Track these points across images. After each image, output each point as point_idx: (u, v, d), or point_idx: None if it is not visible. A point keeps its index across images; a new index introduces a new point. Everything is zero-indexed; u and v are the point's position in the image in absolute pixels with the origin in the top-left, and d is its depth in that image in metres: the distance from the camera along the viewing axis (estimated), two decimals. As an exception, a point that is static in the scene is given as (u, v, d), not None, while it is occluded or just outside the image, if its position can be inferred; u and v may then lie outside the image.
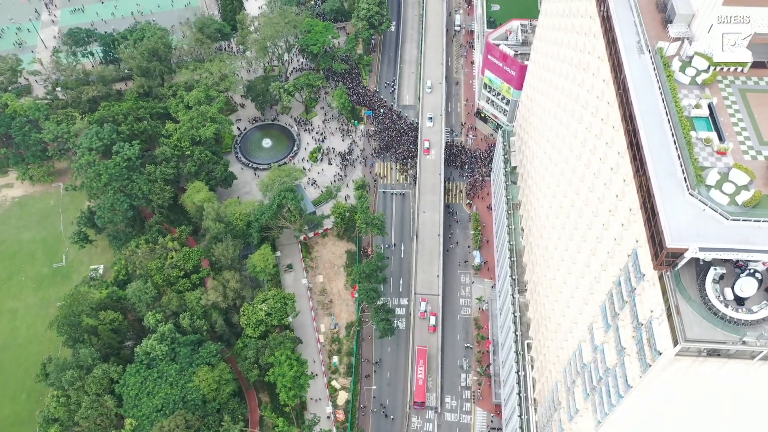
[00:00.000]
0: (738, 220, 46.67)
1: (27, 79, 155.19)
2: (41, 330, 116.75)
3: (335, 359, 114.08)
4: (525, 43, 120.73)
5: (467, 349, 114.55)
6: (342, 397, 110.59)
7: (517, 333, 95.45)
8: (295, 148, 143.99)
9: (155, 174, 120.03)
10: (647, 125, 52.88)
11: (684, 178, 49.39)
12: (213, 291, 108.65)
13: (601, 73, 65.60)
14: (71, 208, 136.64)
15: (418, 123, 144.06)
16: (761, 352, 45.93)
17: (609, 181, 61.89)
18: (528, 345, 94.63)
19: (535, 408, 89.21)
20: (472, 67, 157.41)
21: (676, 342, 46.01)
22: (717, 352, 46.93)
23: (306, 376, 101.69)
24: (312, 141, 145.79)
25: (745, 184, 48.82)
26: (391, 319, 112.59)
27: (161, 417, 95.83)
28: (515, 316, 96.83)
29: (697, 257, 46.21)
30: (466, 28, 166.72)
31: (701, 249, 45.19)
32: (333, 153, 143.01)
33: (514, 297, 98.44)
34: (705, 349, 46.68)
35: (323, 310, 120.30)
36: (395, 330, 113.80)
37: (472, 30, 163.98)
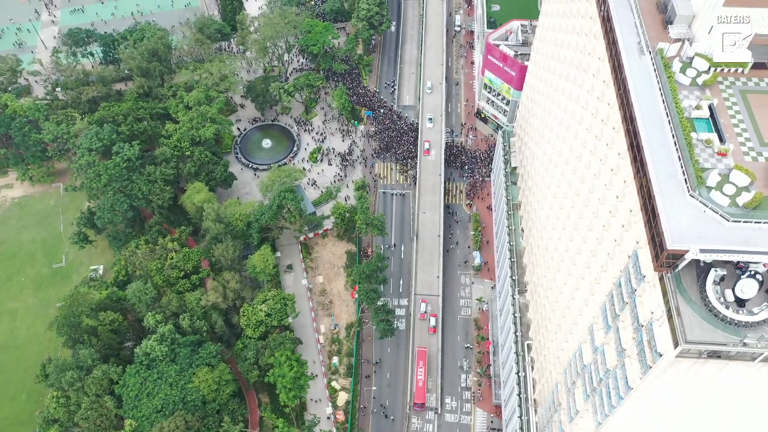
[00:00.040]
0: (739, 221, 46.59)
1: (27, 80, 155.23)
2: (41, 330, 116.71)
3: (335, 360, 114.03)
4: (525, 44, 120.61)
5: (467, 350, 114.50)
6: (342, 398, 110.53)
7: (518, 334, 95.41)
8: (295, 148, 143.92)
9: (155, 174, 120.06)
10: (648, 126, 52.82)
11: (684, 179, 49.32)
12: (213, 292, 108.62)
13: (602, 74, 65.53)
14: (71, 208, 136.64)
15: (418, 123, 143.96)
16: (762, 353, 45.90)
17: (609, 183, 61.82)
18: (528, 346, 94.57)
19: (536, 409, 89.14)
20: (472, 68, 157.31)
21: (676, 344, 45.98)
22: (718, 353, 46.90)
23: (306, 376, 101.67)
24: (312, 141, 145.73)
25: (746, 185, 48.78)
26: (391, 320, 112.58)
27: (161, 418, 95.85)
28: (515, 316, 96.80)
29: (698, 259, 46.15)
30: (466, 28, 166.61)
31: (702, 250, 45.12)
32: (333, 153, 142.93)
33: (514, 298, 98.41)
34: (706, 351, 46.65)
35: (323, 310, 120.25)
36: (395, 331, 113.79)
37: (472, 30, 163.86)
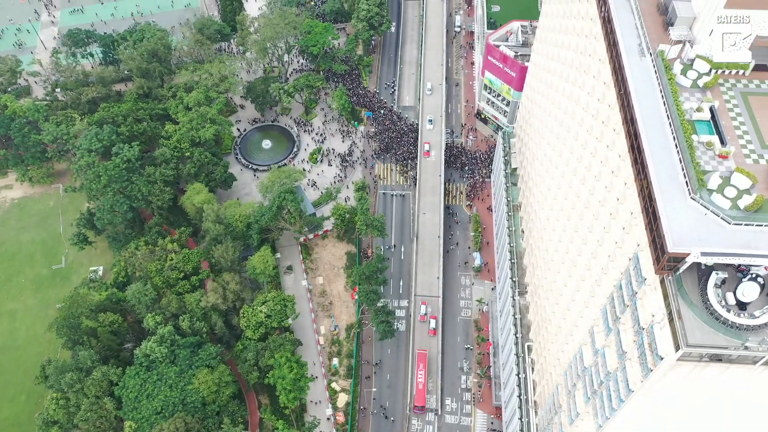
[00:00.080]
0: (740, 224, 46.41)
1: (26, 80, 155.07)
2: (40, 332, 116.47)
3: (335, 361, 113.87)
4: (525, 45, 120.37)
5: (467, 351, 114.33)
6: (342, 399, 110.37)
7: (518, 335, 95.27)
8: (295, 149, 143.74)
9: (155, 175, 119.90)
10: (648, 128, 52.65)
11: (685, 181, 49.15)
12: (213, 293, 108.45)
13: (602, 76, 65.38)
14: (71, 209, 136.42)
15: (418, 124, 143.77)
16: (763, 357, 45.77)
17: (610, 184, 61.67)
18: (528, 347, 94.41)
19: (536, 411, 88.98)
20: (472, 68, 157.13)
21: (677, 347, 45.79)
22: (719, 357, 46.75)
23: (306, 378, 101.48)
24: (312, 142, 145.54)
25: (747, 188, 48.68)
26: (391, 321, 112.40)
27: (161, 419, 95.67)
28: (516, 318, 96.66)
29: (699, 262, 45.98)
30: (466, 29, 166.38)
31: (703, 254, 44.94)
32: (333, 154, 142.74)
33: (514, 299, 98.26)
34: (707, 354, 46.48)
35: (323, 311, 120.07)
36: (395, 332, 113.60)
37: (472, 31, 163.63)
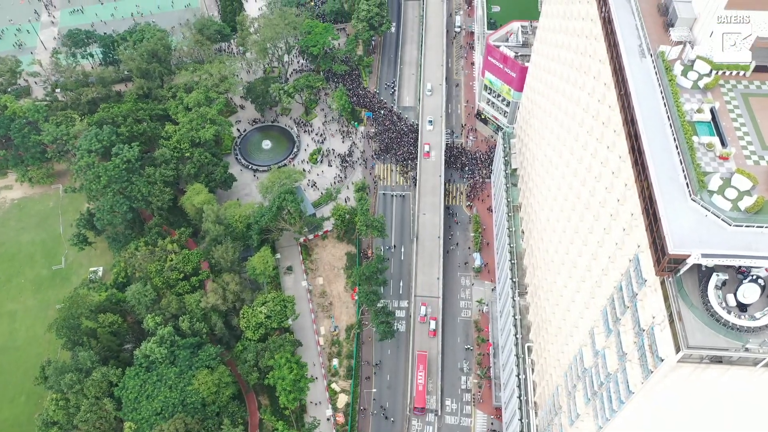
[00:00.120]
0: (741, 226, 46.33)
1: (26, 81, 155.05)
2: (40, 332, 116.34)
3: (335, 362, 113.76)
4: (525, 45, 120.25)
5: (467, 352, 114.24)
6: (342, 400, 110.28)
7: (518, 336, 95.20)
8: (295, 149, 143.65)
9: (155, 176, 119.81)
10: (649, 130, 52.54)
11: (686, 183, 49.06)
12: (212, 293, 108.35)
13: (602, 77, 65.29)
14: (70, 210, 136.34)
15: (418, 124, 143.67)
16: (764, 359, 45.66)
17: (610, 185, 61.57)
18: (528, 348, 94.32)
19: (536, 411, 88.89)
20: (472, 69, 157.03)
21: (678, 349, 45.68)
22: (719, 359, 46.65)
23: (306, 379, 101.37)
24: (312, 142, 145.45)
25: (748, 189, 48.60)
26: (391, 322, 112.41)
27: (160, 420, 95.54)
28: (516, 319, 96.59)
29: (700, 263, 45.90)
30: (466, 29, 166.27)
31: (704, 255, 44.87)
32: (333, 155, 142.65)
33: (514, 300, 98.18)
34: (707, 356, 46.37)
35: (323, 312, 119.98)
36: (395, 333, 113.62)
37: (472, 31, 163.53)
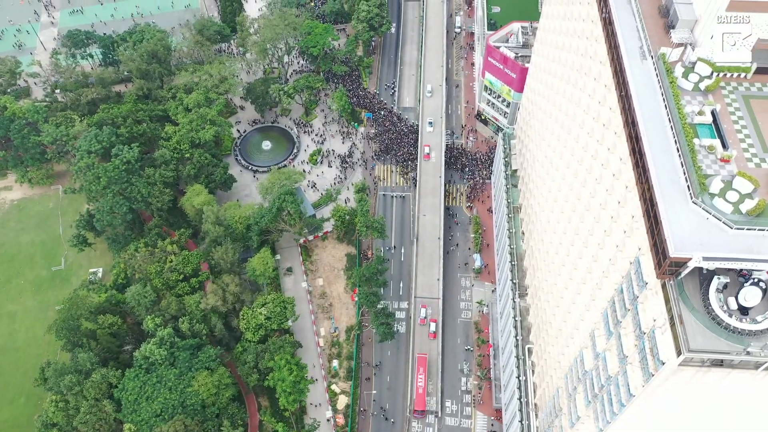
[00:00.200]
0: (742, 229, 46.18)
1: (26, 81, 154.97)
2: (40, 333, 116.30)
3: (335, 363, 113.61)
4: (526, 46, 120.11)
5: (468, 353, 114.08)
6: (342, 401, 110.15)
7: (518, 337, 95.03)
8: (295, 150, 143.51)
9: (154, 177, 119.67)
10: (650, 132, 52.38)
11: (687, 185, 48.87)
12: (212, 295, 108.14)
13: (603, 78, 65.13)
14: (70, 210, 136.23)
15: (418, 125, 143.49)
16: (765, 362, 45.48)
17: (611, 187, 61.42)
18: (529, 350, 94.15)
19: (536, 413, 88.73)
20: (472, 69, 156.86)
21: (679, 352, 45.55)
22: (720, 362, 46.46)
23: (306, 380, 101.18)
24: (312, 143, 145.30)
25: (749, 192, 48.41)
26: (392, 323, 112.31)
27: (160, 422, 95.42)
28: (516, 320, 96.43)
29: (701, 266, 45.72)
30: (466, 29, 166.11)
31: (705, 258, 44.68)
32: (333, 155, 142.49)
33: (514, 301, 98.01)
34: (708, 360, 46.21)
35: (323, 313, 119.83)
36: (395, 334, 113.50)
37: (472, 32, 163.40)
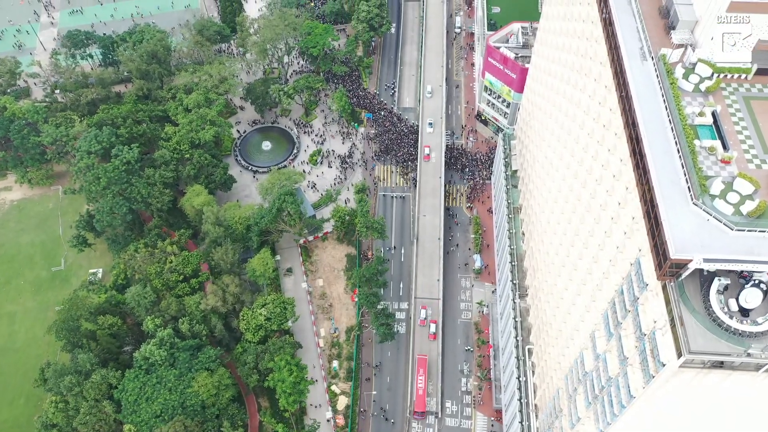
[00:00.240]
0: (743, 230, 46.11)
1: (26, 82, 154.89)
2: (40, 334, 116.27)
3: (335, 364, 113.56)
4: (526, 46, 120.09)
5: (468, 353, 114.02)
6: (342, 402, 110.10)
7: (518, 338, 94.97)
8: (295, 150, 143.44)
9: (154, 177, 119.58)
10: (650, 133, 52.30)
11: (688, 187, 48.79)
12: (212, 295, 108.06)
13: (603, 79, 65.06)
14: (70, 211, 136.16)
15: (418, 126, 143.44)
16: (766, 364, 45.43)
17: (611, 189, 61.34)
18: (529, 350, 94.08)
19: (537, 414, 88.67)
20: (472, 70, 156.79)
21: (680, 354, 45.49)
22: (721, 364, 46.40)
23: (306, 381, 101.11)
24: (312, 144, 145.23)
25: (750, 193, 48.38)
26: (392, 324, 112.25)
27: (160, 423, 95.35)
28: (516, 321, 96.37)
29: (701, 268, 45.66)
30: (466, 30, 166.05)
31: (705, 260, 44.63)
32: (333, 156, 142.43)
33: (514, 302, 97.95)
34: (709, 361, 46.14)
35: (323, 314, 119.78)
36: (395, 334, 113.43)
37: (472, 32, 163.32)
